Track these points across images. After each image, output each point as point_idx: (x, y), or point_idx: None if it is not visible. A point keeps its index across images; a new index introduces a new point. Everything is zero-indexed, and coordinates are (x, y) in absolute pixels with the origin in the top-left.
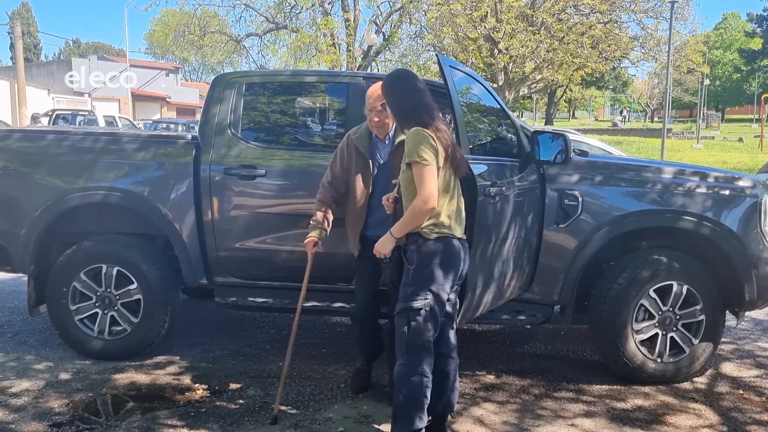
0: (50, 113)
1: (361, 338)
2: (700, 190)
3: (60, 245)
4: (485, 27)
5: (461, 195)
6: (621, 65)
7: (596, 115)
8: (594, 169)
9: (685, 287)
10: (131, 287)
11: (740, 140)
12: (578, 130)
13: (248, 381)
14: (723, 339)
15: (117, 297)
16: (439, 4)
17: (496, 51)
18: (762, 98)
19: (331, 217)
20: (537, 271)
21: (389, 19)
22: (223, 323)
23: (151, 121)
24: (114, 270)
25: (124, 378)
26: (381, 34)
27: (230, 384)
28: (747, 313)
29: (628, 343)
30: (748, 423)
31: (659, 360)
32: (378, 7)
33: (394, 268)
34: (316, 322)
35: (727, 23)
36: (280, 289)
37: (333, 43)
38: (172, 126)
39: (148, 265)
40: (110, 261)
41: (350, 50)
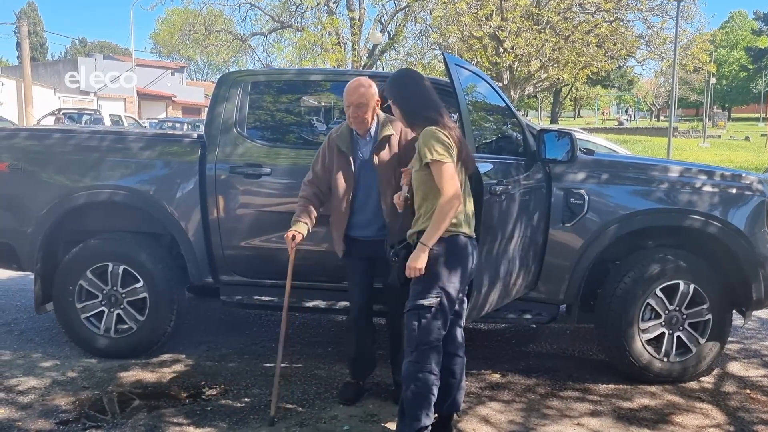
0: (56, 112)
1: (354, 350)
2: (707, 189)
3: (66, 244)
4: (490, 26)
5: (470, 193)
6: (627, 64)
7: (603, 116)
8: (600, 168)
9: (692, 286)
10: (137, 286)
11: (747, 139)
12: (584, 129)
13: (253, 379)
14: (730, 338)
15: (123, 295)
16: (445, 3)
17: (502, 50)
18: None
19: (314, 213)
20: (543, 270)
21: (394, 18)
22: (229, 322)
23: (157, 120)
24: (120, 268)
25: (130, 376)
26: (386, 33)
27: (236, 382)
28: (754, 313)
29: (635, 343)
30: (755, 423)
31: (666, 359)
32: (383, 6)
33: (403, 267)
34: (321, 321)
35: (734, 21)
36: (285, 288)
37: (338, 42)
38: (178, 125)
39: (154, 264)
40: (116, 259)
41: (355, 49)
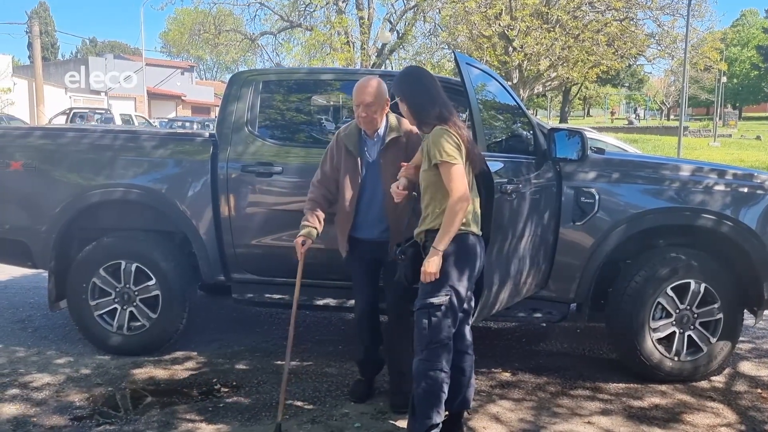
0: (67, 112)
1: (361, 350)
2: (719, 188)
3: (80, 241)
4: (500, 24)
5: (477, 192)
6: (637, 63)
7: (612, 115)
8: (611, 167)
9: (703, 285)
10: (150, 283)
11: (758, 138)
12: (593, 128)
13: (265, 377)
14: (741, 338)
15: (136, 293)
16: (454, 2)
17: (511, 49)
18: None
19: (322, 215)
20: (553, 269)
21: (403, 17)
22: (240, 319)
23: (167, 120)
24: (133, 266)
25: (143, 373)
26: (395, 32)
27: (247, 380)
28: (765, 312)
29: (645, 342)
30: (767, 422)
31: (676, 358)
32: (392, 5)
33: (410, 266)
34: (332, 319)
35: (745, 20)
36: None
37: (347, 42)
38: (188, 124)
39: (167, 262)
40: (129, 257)
41: (364, 48)
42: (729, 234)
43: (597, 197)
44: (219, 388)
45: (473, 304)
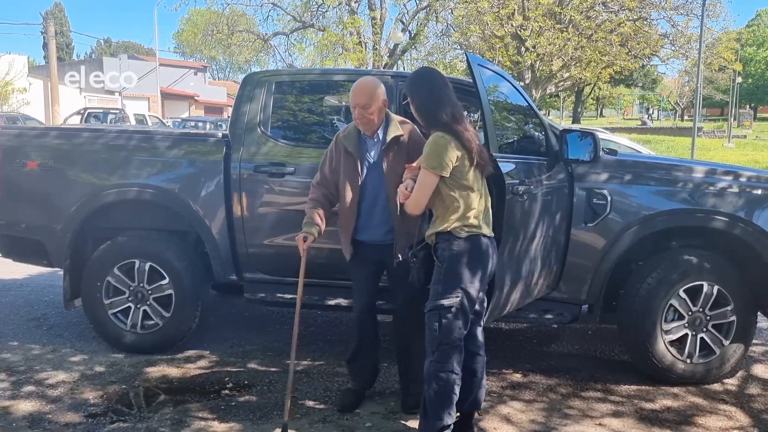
0: (82, 112)
1: (353, 351)
2: (732, 190)
3: (95, 241)
4: (512, 25)
5: (488, 194)
6: (650, 63)
7: (624, 115)
8: (623, 168)
9: (716, 288)
10: (163, 282)
11: None
12: (606, 129)
13: (276, 376)
14: (754, 340)
15: (149, 292)
16: (466, 2)
17: (523, 49)
18: None
19: (325, 214)
20: (565, 270)
21: (416, 18)
22: (252, 319)
23: (180, 120)
24: (147, 265)
25: (156, 371)
26: (407, 33)
27: (259, 378)
28: None
29: (657, 344)
30: None
31: (689, 361)
32: (404, 6)
33: (422, 268)
34: (343, 319)
35: (761, 20)
36: (308, 286)
37: (359, 42)
38: (201, 124)
39: (180, 261)
40: (143, 256)
41: (376, 49)
42: (742, 236)
43: (609, 198)
44: (231, 387)
45: (485, 305)
